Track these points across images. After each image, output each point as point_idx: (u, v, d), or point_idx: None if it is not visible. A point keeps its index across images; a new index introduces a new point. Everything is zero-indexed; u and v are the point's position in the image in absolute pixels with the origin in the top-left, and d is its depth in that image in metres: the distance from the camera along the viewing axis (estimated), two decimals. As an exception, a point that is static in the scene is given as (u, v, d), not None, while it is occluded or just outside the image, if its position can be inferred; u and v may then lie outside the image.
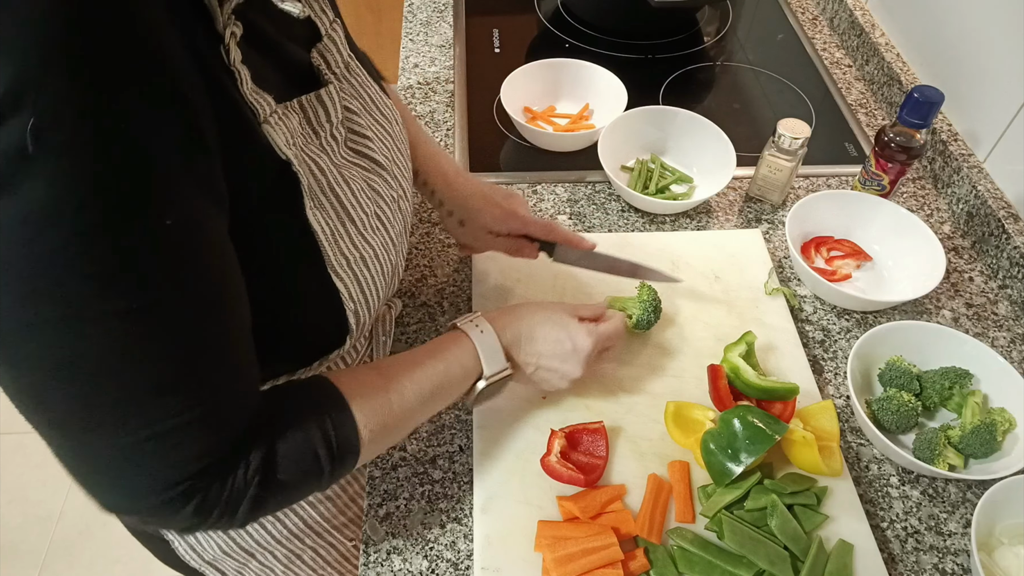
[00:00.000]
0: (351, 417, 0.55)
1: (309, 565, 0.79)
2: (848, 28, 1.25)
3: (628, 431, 0.74)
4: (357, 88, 0.64)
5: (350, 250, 0.57)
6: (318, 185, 0.54)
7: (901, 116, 0.87)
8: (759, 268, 0.90)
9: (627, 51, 1.26)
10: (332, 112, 0.58)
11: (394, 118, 0.68)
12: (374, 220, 0.60)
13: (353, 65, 0.64)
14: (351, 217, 0.57)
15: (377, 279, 0.60)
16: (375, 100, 0.66)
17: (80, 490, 0.47)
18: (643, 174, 1.00)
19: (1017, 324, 0.88)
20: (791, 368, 0.80)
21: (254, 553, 0.75)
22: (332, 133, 0.58)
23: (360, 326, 0.60)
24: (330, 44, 0.60)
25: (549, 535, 0.65)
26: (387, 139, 0.66)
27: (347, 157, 0.60)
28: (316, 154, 0.55)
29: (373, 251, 0.59)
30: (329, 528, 0.77)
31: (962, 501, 0.72)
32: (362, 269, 0.58)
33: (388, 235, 0.62)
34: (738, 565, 0.63)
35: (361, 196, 0.59)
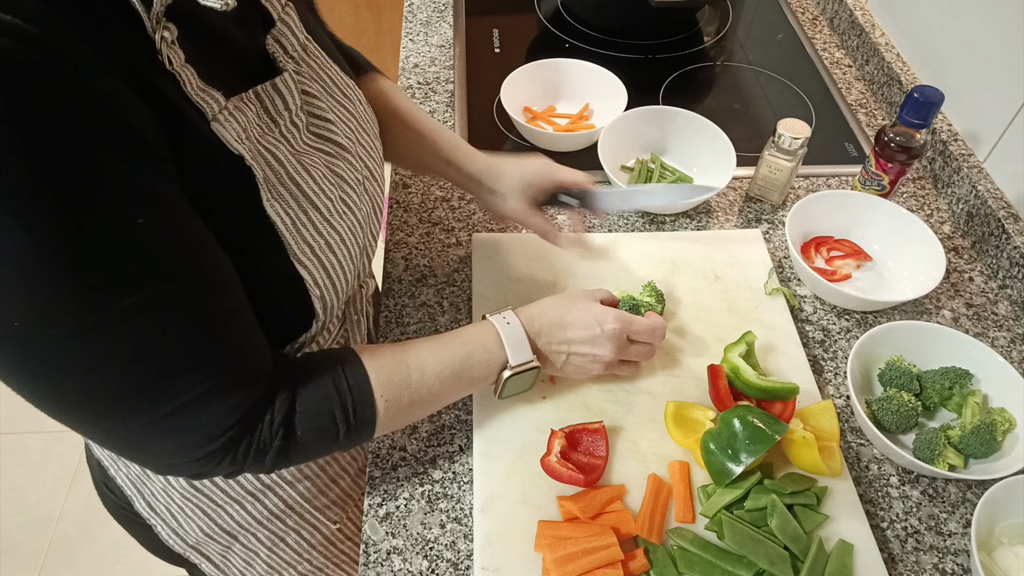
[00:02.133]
0: (368, 385, 0.59)
1: (293, 548, 0.80)
2: (848, 28, 1.25)
3: (628, 431, 0.74)
4: (316, 70, 0.64)
5: (314, 238, 0.57)
6: (276, 176, 0.55)
7: (901, 116, 0.87)
8: (759, 268, 0.90)
9: (627, 51, 1.26)
10: (290, 99, 0.58)
11: (357, 98, 0.69)
12: (339, 205, 0.60)
13: (311, 47, 0.64)
14: (314, 204, 0.58)
15: (345, 263, 0.61)
16: (335, 81, 0.66)
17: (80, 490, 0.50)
18: (643, 174, 1.00)
19: (1017, 324, 0.88)
20: (791, 368, 0.80)
21: (236, 535, 0.76)
22: (292, 120, 0.59)
23: (328, 310, 0.61)
24: (284, 29, 0.60)
25: (549, 535, 0.65)
26: (350, 120, 0.66)
27: (309, 143, 0.60)
28: (274, 144, 0.55)
29: (339, 236, 0.60)
30: (311, 509, 0.77)
31: (962, 501, 0.72)
32: (328, 255, 0.59)
33: (355, 218, 0.62)
34: (738, 565, 0.63)
35: (324, 182, 0.59)
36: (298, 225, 0.56)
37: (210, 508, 0.73)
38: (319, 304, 0.59)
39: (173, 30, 0.46)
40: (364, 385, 0.59)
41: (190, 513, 0.73)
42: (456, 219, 0.96)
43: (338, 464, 0.78)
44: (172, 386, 0.48)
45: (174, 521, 0.74)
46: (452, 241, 0.94)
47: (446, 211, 0.97)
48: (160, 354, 0.47)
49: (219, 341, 0.50)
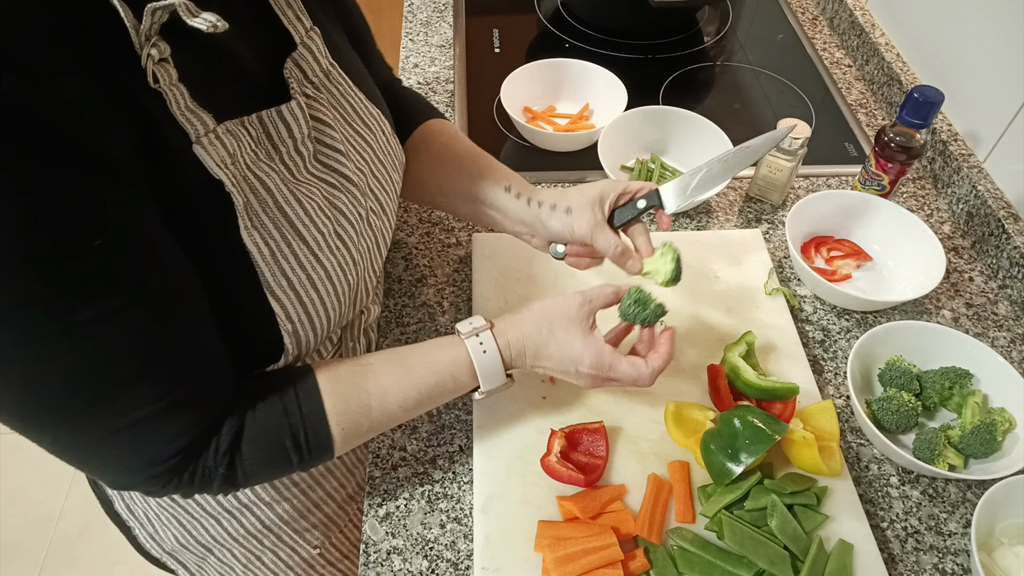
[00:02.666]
0: (323, 414, 0.58)
1: (270, 568, 0.79)
2: (848, 28, 1.25)
3: (628, 431, 0.74)
4: (337, 97, 0.63)
5: (294, 271, 0.56)
6: (261, 205, 0.53)
7: (901, 116, 0.87)
8: (759, 268, 0.90)
9: (627, 51, 1.26)
10: (295, 127, 0.57)
11: (379, 128, 0.67)
12: (332, 239, 0.59)
13: (335, 73, 0.63)
14: (301, 237, 0.56)
15: (328, 299, 0.59)
16: (357, 110, 0.65)
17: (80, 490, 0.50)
18: (643, 174, 1.00)
19: (1017, 324, 0.88)
20: (791, 368, 0.80)
21: (211, 549, 0.75)
22: (296, 148, 0.58)
23: (303, 345, 0.59)
24: (305, 53, 0.59)
25: (549, 535, 0.65)
26: (365, 151, 0.65)
27: (314, 172, 0.59)
28: (266, 172, 0.54)
29: (325, 272, 0.58)
30: (289, 532, 0.77)
31: (962, 501, 0.72)
32: (308, 291, 0.57)
33: (348, 254, 0.60)
34: (738, 565, 0.63)
35: (317, 215, 0.57)
36: (278, 257, 0.55)
37: (185, 520, 0.72)
38: (290, 339, 0.57)
39: (164, 48, 0.46)
40: (319, 414, 0.57)
41: (165, 522, 0.73)
42: (456, 219, 0.96)
43: (323, 489, 0.77)
44: (116, 405, 0.48)
45: (151, 527, 0.74)
46: (452, 241, 0.94)
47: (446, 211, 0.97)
48: (106, 371, 0.46)
49: (170, 364, 0.50)
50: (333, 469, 0.77)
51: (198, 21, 0.46)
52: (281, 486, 0.72)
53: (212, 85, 0.51)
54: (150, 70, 0.45)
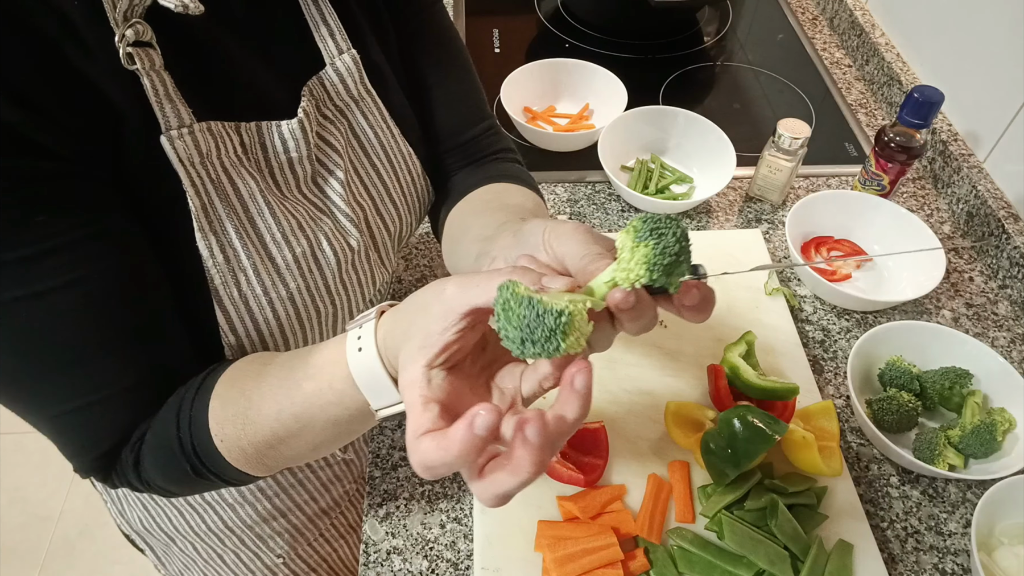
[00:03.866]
0: (205, 421, 0.50)
1: (231, 568, 0.79)
2: (848, 28, 1.25)
3: (628, 431, 0.74)
4: (362, 125, 0.61)
5: (249, 284, 0.53)
6: (226, 210, 0.52)
7: (901, 116, 0.87)
8: (759, 268, 0.90)
9: (627, 51, 1.26)
10: (292, 146, 0.56)
11: (403, 166, 0.64)
12: (306, 261, 0.56)
13: (368, 100, 0.61)
14: (268, 253, 0.54)
15: (286, 321, 0.56)
16: (383, 143, 0.63)
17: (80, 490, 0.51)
18: (643, 174, 1.00)
19: (1017, 324, 0.88)
20: (791, 368, 0.80)
21: (174, 539, 0.76)
22: (292, 167, 0.56)
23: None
24: (333, 74, 0.58)
25: (549, 535, 0.65)
26: (374, 186, 0.62)
27: (306, 192, 0.58)
28: (244, 179, 0.53)
29: (287, 292, 0.55)
30: (252, 536, 0.76)
31: (962, 501, 0.72)
32: (262, 307, 0.54)
33: (322, 280, 0.57)
34: (738, 565, 0.63)
35: (294, 233, 0.55)
36: (232, 266, 0.52)
37: (150, 505, 0.72)
38: (231, 351, 0.55)
39: (143, 31, 0.45)
40: (202, 419, 0.49)
41: (133, 503, 0.74)
42: (456, 219, 0.96)
43: (289, 498, 0.76)
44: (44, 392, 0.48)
45: (119, 504, 0.75)
46: (452, 241, 0.94)
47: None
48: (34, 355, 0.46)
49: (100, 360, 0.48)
50: (304, 481, 0.76)
51: (167, 2, 0.45)
52: (246, 490, 0.72)
53: (209, 84, 0.51)
54: (123, 50, 0.45)
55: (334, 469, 0.79)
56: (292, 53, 0.57)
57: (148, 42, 0.46)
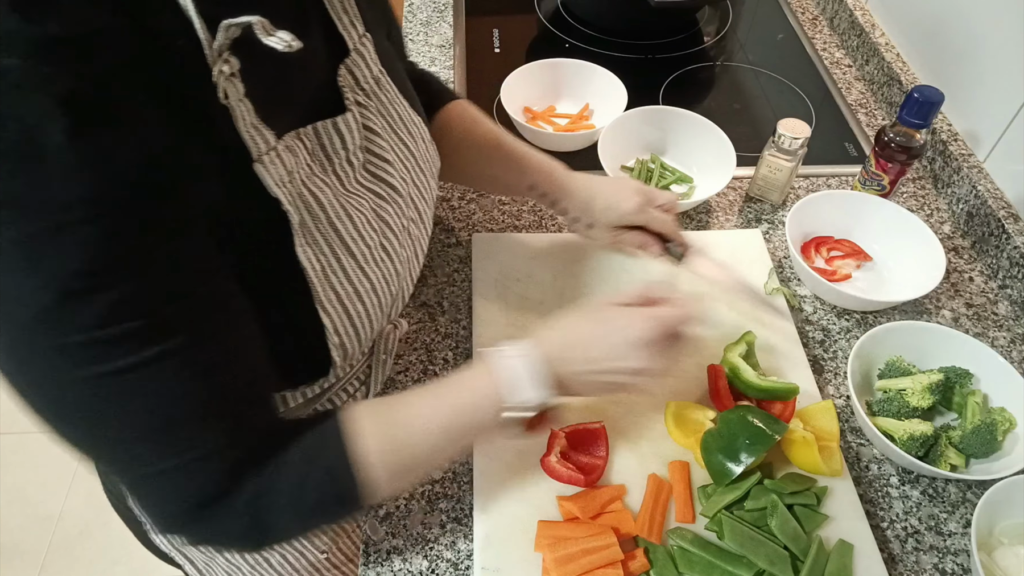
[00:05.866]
0: (352, 461, 0.52)
1: (276, 570, 0.78)
2: (848, 28, 1.25)
3: (628, 431, 0.74)
4: (386, 105, 0.62)
5: (343, 285, 0.55)
6: (314, 221, 0.53)
7: (901, 116, 0.87)
8: (759, 268, 0.90)
9: (627, 51, 1.26)
10: (348, 138, 0.57)
11: (420, 136, 0.67)
12: (378, 252, 0.58)
13: (384, 80, 0.62)
14: (350, 251, 0.56)
15: (372, 312, 0.58)
16: (403, 117, 0.64)
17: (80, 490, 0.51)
18: (643, 174, 1.00)
19: (1017, 324, 0.88)
20: (791, 368, 0.80)
21: (221, 549, 0.75)
22: (348, 159, 0.57)
23: (348, 357, 0.59)
24: (358, 59, 0.59)
25: (549, 535, 0.65)
26: (408, 159, 0.64)
27: (363, 182, 0.59)
28: (319, 187, 0.54)
29: (371, 284, 0.58)
30: (300, 536, 0.76)
31: (962, 501, 0.72)
32: (355, 303, 0.56)
33: (392, 266, 0.60)
34: (738, 565, 0.63)
35: (365, 228, 0.57)
36: (327, 272, 0.54)
37: None
38: (337, 352, 0.57)
39: (234, 63, 0.45)
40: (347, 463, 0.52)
41: None
42: (456, 219, 0.96)
43: None
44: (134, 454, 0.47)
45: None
46: (452, 241, 0.94)
47: (446, 211, 0.97)
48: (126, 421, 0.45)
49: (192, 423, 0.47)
50: None
51: (274, 40, 0.44)
52: None
53: (273, 98, 0.50)
54: (221, 86, 0.45)
55: None
56: (320, 45, 0.57)
57: (235, 73, 0.46)
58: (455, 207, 0.98)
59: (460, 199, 0.99)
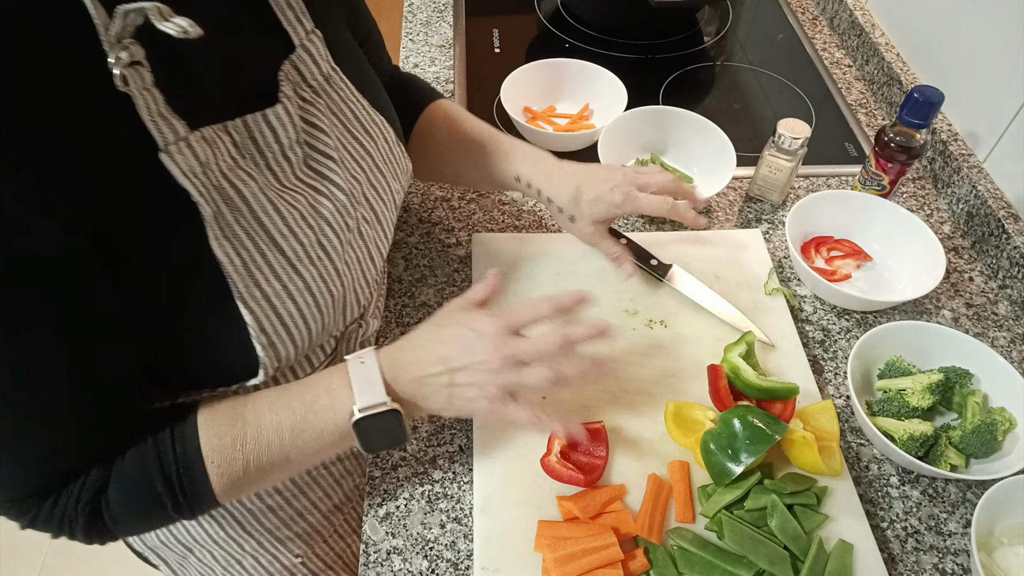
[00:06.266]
0: (199, 452, 0.54)
1: (249, 572, 0.79)
2: (848, 28, 1.25)
3: (628, 431, 0.74)
4: (337, 103, 0.62)
5: (268, 282, 0.54)
6: (234, 214, 0.52)
7: (901, 116, 0.87)
8: (759, 268, 0.90)
9: (627, 51, 1.26)
10: (282, 132, 0.56)
11: (382, 136, 0.66)
12: (314, 250, 0.57)
13: (336, 78, 0.62)
14: (278, 247, 0.55)
15: (307, 311, 0.57)
16: (358, 116, 0.64)
17: None
18: (643, 174, 1.00)
19: (1017, 324, 0.88)
20: (791, 368, 0.80)
21: (191, 548, 0.75)
22: (284, 154, 0.57)
23: (283, 357, 0.57)
24: (304, 56, 0.58)
25: (549, 535, 0.65)
26: (363, 159, 0.63)
27: (302, 177, 0.58)
28: (243, 180, 0.53)
29: (304, 282, 0.56)
30: (272, 540, 0.76)
31: (962, 501, 0.72)
32: (284, 302, 0.55)
33: (330, 264, 0.59)
34: (738, 565, 0.63)
35: (298, 225, 0.56)
36: (250, 268, 0.53)
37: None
38: (265, 352, 0.55)
39: (136, 51, 0.45)
40: (194, 453, 0.54)
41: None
42: (456, 219, 0.96)
43: (307, 499, 0.76)
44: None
45: None
46: (452, 241, 0.94)
47: (446, 211, 0.97)
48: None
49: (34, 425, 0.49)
50: (319, 479, 0.76)
51: (169, 26, 0.44)
52: (264, 495, 0.72)
53: (195, 89, 0.50)
54: (119, 73, 0.44)
55: (345, 464, 0.79)
56: (263, 40, 0.57)
57: (139, 61, 0.46)
58: (455, 207, 0.98)
59: (460, 199, 0.99)
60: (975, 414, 0.72)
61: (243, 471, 0.56)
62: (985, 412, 0.73)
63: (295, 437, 0.57)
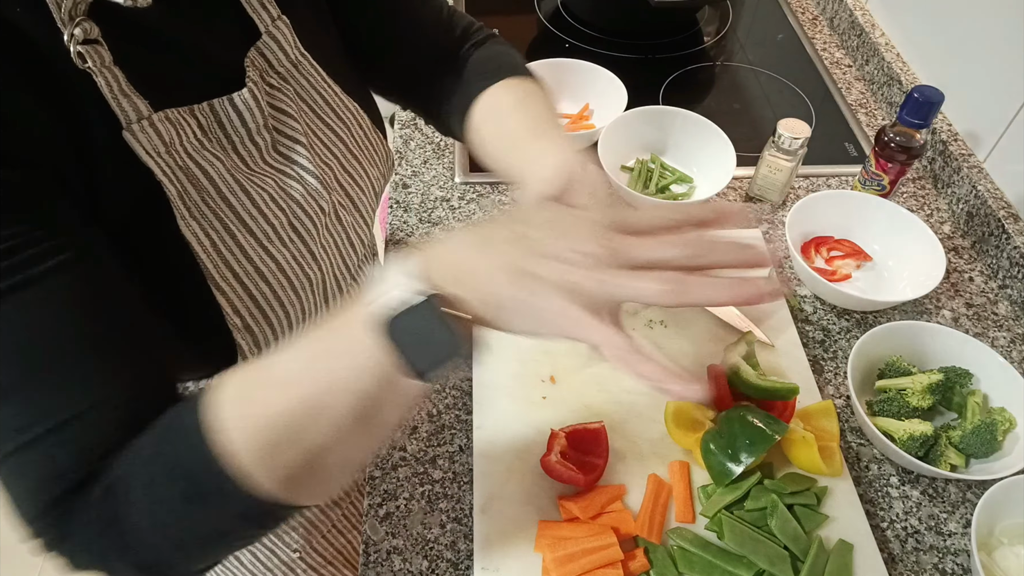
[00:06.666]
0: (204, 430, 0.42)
1: (248, 568, 0.78)
2: (848, 28, 1.25)
3: (628, 431, 0.74)
4: (306, 88, 0.62)
5: (240, 263, 0.54)
6: (201, 194, 0.52)
7: (901, 116, 0.87)
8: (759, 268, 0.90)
9: (627, 51, 1.26)
10: (248, 116, 0.56)
11: (354, 121, 0.66)
12: (285, 232, 0.56)
13: (305, 63, 0.62)
14: (248, 228, 0.54)
15: (283, 293, 0.56)
16: (329, 102, 0.63)
17: None
18: (643, 174, 1.00)
19: (1017, 324, 0.88)
20: (791, 368, 0.80)
21: None
22: (251, 138, 0.57)
23: (260, 341, 0.56)
24: (271, 42, 0.58)
25: (549, 535, 0.65)
26: (335, 145, 0.63)
27: (271, 162, 0.58)
28: (210, 161, 0.53)
29: (276, 264, 0.56)
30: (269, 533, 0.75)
31: (962, 501, 0.72)
32: (257, 283, 0.54)
33: (304, 247, 0.58)
34: (738, 565, 0.63)
35: (268, 206, 0.55)
36: (220, 248, 0.52)
37: None
38: (242, 335, 0.54)
39: (90, 28, 0.45)
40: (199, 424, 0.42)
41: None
42: (456, 219, 0.96)
43: None
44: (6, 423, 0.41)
45: None
46: (452, 241, 0.93)
47: (446, 211, 0.97)
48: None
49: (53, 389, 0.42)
50: None
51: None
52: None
53: (160, 71, 0.51)
54: (74, 50, 0.45)
55: None
56: (229, 27, 0.57)
57: (96, 39, 0.46)
58: (455, 207, 0.98)
59: (460, 199, 0.99)
60: (975, 414, 0.72)
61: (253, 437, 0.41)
62: (985, 412, 0.73)
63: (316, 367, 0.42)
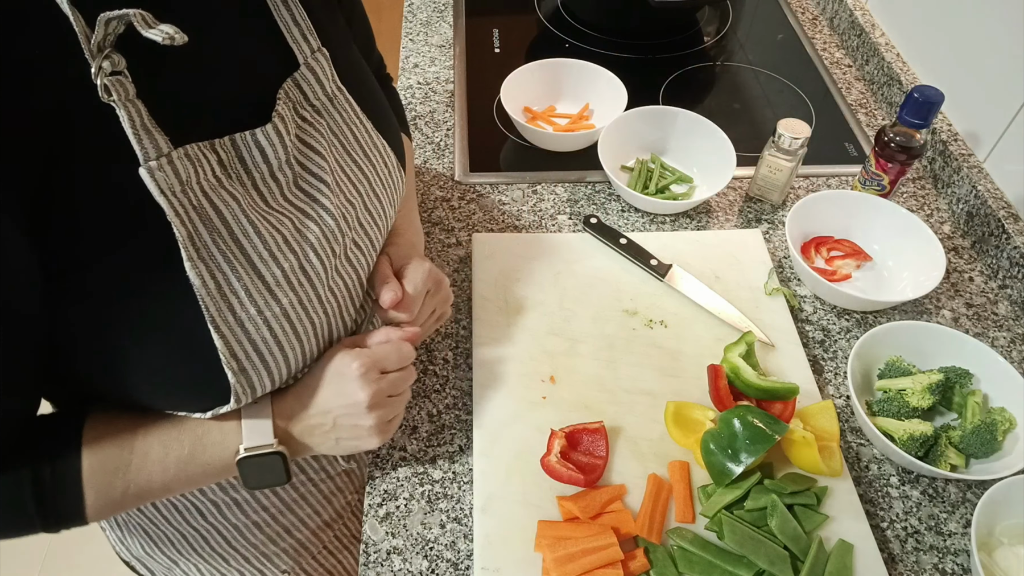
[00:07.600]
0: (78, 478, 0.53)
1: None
2: (848, 28, 1.25)
3: (628, 431, 0.74)
4: (339, 124, 0.60)
5: (242, 307, 0.51)
6: (212, 236, 0.50)
7: (901, 116, 0.87)
8: (759, 268, 0.90)
9: (627, 51, 1.26)
10: (271, 152, 0.54)
11: (383, 161, 0.64)
12: (295, 275, 0.54)
13: (341, 98, 0.60)
14: (258, 272, 0.52)
15: (285, 340, 0.54)
16: (359, 139, 0.62)
17: None
18: (643, 174, 1.00)
19: (1017, 324, 0.88)
20: (791, 368, 0.80)
21: (176, 562, 0.75)
22: (273, 174, 0.55)
23: (256, 386, 0.55)
24: (308, 74, 0.57)
25: (549, 535, 0.65)
26: (360, 183, 0.61)
27: (291, 199, 0.56)
28: (226, 200, 0.51)
29: (281, 308, 0.53)
30: (257, 555, 0.76)
31: (962, 501, 0.72)
32: (259, 328, 0.52)
33: (311, 290, 0.56)
34: (738, 565, 0.63)
35: (280, 249, 0.53)
36: (224, 291, 0.50)
37: (152, 531, 0.71)
38: (237, 379, 0.53)
39: (118, 61, 0.43)
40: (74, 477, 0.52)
41: (133, 529, 0.73)
42: (456, 219, 0.96)
43: (295, 515, 0.75)
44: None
45: (119, 531, 0.74)
46: (452, 241, 0.94)
47: (446, 211, 0.97)
48: None
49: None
50: (307, 495, 0.75)
51: (153, 33, 0.43)
52: (250, 510, 0.71)
53: (186, 102, 0.49)
54: (101, 83, 0.43)
55: (336, 481, 0.77)
56: (262, 57, 0.55)
57: (121, 71, 0.44)
58: (455, 207, 0.98)
59: (460, 199, 0.99)
60: (975, 414, 0.72)
61: (121, 496, 0.55)
62: (985, 412, 0.73)
63: (179, 470, 0.57)
